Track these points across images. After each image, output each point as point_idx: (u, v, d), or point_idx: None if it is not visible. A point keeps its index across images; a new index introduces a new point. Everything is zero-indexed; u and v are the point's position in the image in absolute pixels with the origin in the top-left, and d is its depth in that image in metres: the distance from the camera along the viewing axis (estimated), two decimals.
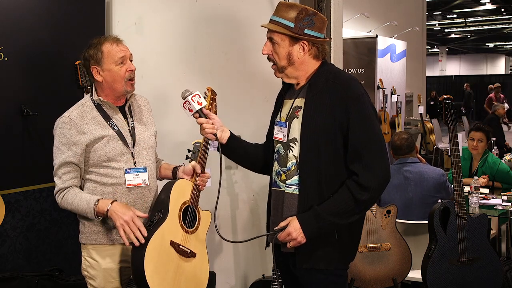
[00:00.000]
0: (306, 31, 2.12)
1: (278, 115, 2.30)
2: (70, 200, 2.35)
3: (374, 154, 2.07)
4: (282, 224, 2.15)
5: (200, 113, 2.29)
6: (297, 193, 2.17)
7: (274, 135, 2.29)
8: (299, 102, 2.19)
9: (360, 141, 2.07)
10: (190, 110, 2.28)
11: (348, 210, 2.08)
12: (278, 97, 2.40)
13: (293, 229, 2.09)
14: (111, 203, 2.29)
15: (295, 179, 2.18)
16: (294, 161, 2.18)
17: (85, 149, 2.35)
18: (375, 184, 2.07)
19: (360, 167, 2.06)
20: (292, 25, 2.12)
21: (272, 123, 2.36)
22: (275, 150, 2.29)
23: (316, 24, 2.13)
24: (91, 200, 2.31)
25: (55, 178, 2.39)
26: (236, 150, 2.42)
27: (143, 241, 2.24)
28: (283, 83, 2.33)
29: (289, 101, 2.26)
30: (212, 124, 2.30)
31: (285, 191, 2.21)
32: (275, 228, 2.18)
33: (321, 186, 2.12)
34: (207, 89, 2.60)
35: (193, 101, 2.26)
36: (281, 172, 2.24)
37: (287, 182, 2.21)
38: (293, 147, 2.19)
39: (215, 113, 2.59)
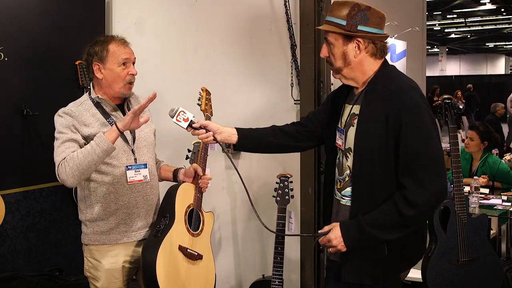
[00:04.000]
0: (359, 27, 2.00)
1: (339, 121, 2.20)
2: (76, 161, 2.21)
3: (427, 168, 1.91)
4: (326, 228, 2.07)
5: (191, 127, 2.21)
6: (349, 205, 2.09)
7: (336, 141, 2.21)
8: (356, 109, 2.09)
9: (411, 154, 1.92)
10: (183, 123, 2.21)
11: (390, 224, 1.95)
12: (333, 97, 2.30)
13: (334, 237, 2.01)
14: (114, 129, 2.24)
15: (348, 190, 2.10)
16: (348, 171, 2.10)
17: (84, 142, 2.30)
18: (424, 201, 1.90)
19: (411, 181, 1.91)
20: (344, 22, 2.00)
21: (319, 110, 2.36)
22: (337, 156, 2.21)
23: (370, 20, 2.00)
24: (99, 144, 2.20)
25: (55, 154, 2.26)
26: (247, 146, 2.33)
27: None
28: (343, 84, 2.20)
29: (348, 106, 2.15)
30: (208, 131, 2.21)
31: (340, 201, 2.16)
32: (319, 231, 2.12)
33: (375, 199, 2.00)
34: (202, 89, 2.59)
35: (179, 121, 2.19)
36: (338, 180, 2.17)
37: (342, 192, 2.14)
38: (348, 157, 2.11)
39: (211, 113, 2.58)
